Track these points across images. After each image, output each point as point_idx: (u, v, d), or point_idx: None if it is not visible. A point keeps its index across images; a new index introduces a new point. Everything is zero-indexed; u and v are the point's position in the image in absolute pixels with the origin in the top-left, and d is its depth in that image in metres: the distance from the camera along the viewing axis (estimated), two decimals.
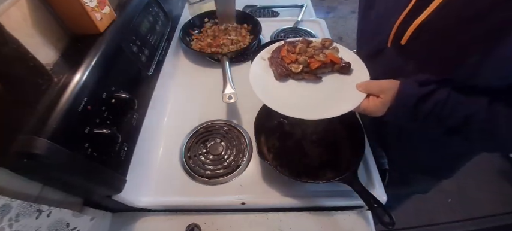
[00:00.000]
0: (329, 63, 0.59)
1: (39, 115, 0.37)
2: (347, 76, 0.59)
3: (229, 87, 0.72)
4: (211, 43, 0.93)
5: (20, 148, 0.34)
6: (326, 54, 0.60)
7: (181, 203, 0.59)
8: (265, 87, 0.58)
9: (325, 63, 0.58)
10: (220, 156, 0.66)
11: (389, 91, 0.49)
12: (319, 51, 0.61)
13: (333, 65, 0.59)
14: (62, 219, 0.44)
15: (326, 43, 0.63)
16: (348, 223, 0.58)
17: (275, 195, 0.60)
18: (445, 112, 0.45)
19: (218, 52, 0.89)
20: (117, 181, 0.50)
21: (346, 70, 0.59)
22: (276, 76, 0.60)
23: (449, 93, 0.44)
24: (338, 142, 0.67)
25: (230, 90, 0.71)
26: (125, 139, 0.51)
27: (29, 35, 0.44)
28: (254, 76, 0.60)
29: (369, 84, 0.54)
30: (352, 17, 2.79)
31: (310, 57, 0.59)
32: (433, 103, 0.45)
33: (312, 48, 0.62)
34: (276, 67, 0.60)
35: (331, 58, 0.59)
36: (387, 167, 0.65)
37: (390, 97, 0.49)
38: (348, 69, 0.59)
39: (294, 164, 0.63)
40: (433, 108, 0.45)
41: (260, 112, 0.68)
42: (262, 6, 1.25)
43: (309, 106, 0.55)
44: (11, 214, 0.36)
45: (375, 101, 0.51)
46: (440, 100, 0.44)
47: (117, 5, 0.63)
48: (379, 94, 0.51)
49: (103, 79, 0.48)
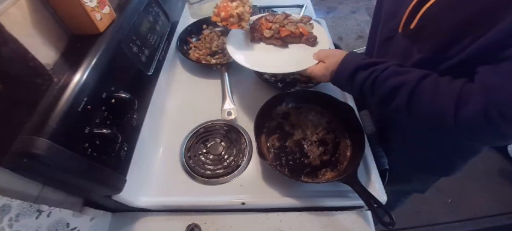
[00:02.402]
0: (298, 34, 0.69)
1: (39, 115, 0.37)
2: (312, 48, 0.68)
3: (228, 101, 0.73)
4: (210, 51, 0.92)
5: (20, 148, 0.34)
6: (298, 26, 0.69)
7: (181, 203, 0.59)
8: (238, 46, 0.70)
9: (294, 33, 0.68)
10: (220, 156, 0.66)
11: (333, 57, 0.56)
12: (293, 24, 0.70)
13: (301, 36, 0.69)
14: (62, 219, 0.44)
15: (304, 20, 0.72)
16: (348, 223, 0.58)
17: (275, 195, 0.60)
18: (378, 80, 0.49)
19: (216, 63, 0.88)
20: (117, 181, 0.49)
21: (312, 43, 0.68)
22: (251, 39, 0.72)
23: (389, 66, 0.49)
24: (338, 142, 0.67)
25: (229, 106, 0.71)
26: (124, 139, 0.51)
27: (29, 35, 0.44)
28: (231, 35, 0.72)
29: (320, 51, 0.63)
30: (352, 17, 2.78)
31: (282, 26, 0.70)
32: (370, 71, 0.50)
33: (288, 20, 0.72)
34: (252, 31, 0.71)
35: (301, 30, 0.68)
36: (387, 167, 0.65)
37: (334, 62, 0.55)
38: (313, 42, 0.69)
39: (294, 164, 0.63)
40: (369, 76, 0.50)
41: (260, 112, 0.68)
42: (262, 6, 1.25)
43: (268, 63, 0.66)
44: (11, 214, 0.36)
45: (320, 66, 0.59)
46: (377, 70, 0.49)
47: (117, 5, 0.63)
48: (324, 59, 0.58)
49: (103, 79, 0.48)
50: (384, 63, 0.50)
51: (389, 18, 0.58)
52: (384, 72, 0.48)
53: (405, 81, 0.46)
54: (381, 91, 0.49)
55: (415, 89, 0.45)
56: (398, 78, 0.47)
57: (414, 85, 0.45)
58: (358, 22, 2.71)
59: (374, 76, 0.49)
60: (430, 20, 0.47)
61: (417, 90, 0.45)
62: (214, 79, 0.84)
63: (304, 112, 0.74)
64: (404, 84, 0.46)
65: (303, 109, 0.74)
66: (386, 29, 0.60)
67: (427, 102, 0.44)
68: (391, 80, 0.47)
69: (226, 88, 0.77)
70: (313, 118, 0.72)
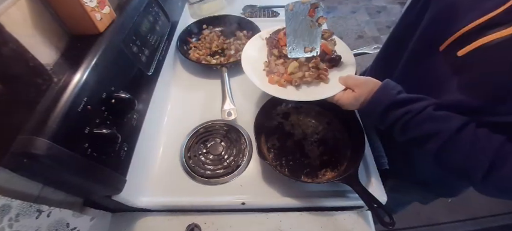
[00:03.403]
0: (321, 52, 0.60)
1: (39, 115, 0.37)
2: (336, 68, 0.61)
3: (228, 102, 0.72)
4: (210, 51, 0.92)
5: (20, 148, 0.34)
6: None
7: (181, 203, 0.59)
8: (254, 66, 0.61)
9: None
10: (220, 156, 0.66)
11: (364, 86, 0.50)
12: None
13: (324, 55, 0.61)
14: (62, 219, 0.44)
15: (325, 35, 0.64)
16: (348, 223, 0.58)
17: (275, 195, 0.59)
18: (412, 123, 0.45)
19: (216, 63, 0.87)
20: (117, 181, 0.49)
21: (336, 62, 0.61)
22: (268, 55, 0.63)
23: (425, 107, 0.44)
24: (338, 142, 0.67)
25: (229, 106, 0.71)
26: (125, 139, 0.51)
27: (29, 35, 0.44)
28: (246, 51, 0.63)
29: (348, 77, 0.55)
30: (352, 17, 2.78)
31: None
32: (405, 111, 0.45)
33: None
34: (270, 47, 0.63)
35: (323, 48, 0.60)
36: (387, 167, 0.65)
37: (364, 93, 0.49)
38: (338, 62, 0.61)
39: (294, 164, 0.63)
40: (403, 116, 0.45)
41: (260, 112, 0.68)
42: (262, 6, 1.25)
43: (289, 88, 0.58)
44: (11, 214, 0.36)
45: (349, 94, 0.53)
46: (413, 111, 0.44)
47: (117, 5, 0.63)
48: (354, 88, 0.52)
49: (103, 79, 0.48)
50: (421, 101, 0.45)
51: (431, 32, 0.50)
52: (419, 114, 0.44)
53: (441, 130, 0.42)
54: (412, 135, 0.45)
55: (449, 141, 0.41)
56: (434, 124, 0.43)
57: (449, 137, 0.41)
58: (358, 22, 2.71)
59: (408, 117, 0.45)
60: (485, 59, 0.40)
61: (452, 141, 0.41)
62: (214, 79, 0.84)
63: (304, 112, 0.74)
64: (440, 132, 0.42)
65: (303, 109, 0.74)
66: (422, 45, 0.52)
67: (459, 156, 0.41)
68: (426, 126, 0.43)
69: (226, 88, 0.77)
70: (313, 118, 0.73)
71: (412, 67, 0.56)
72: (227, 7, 1.17)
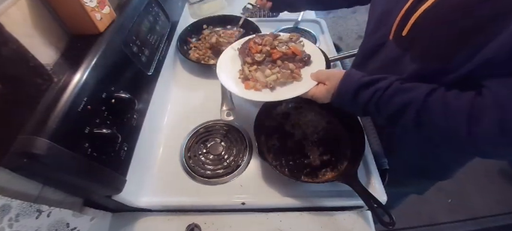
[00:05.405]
0: (290, 54, 0.64)
1: (39, 115, 0.37)
2: (307, 67, 0.64)
3: (227, 102, 0.71)
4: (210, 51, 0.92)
5: (20, 148, 0.34)
6: (289, 46, 0.65)
7: (181, 203, 0.59)
8: (229, 73, 0.65)
9: (286, 54, 0.64)
10: (220, 156, 0.66)
11: (334, 78, 0.53)
12: (284, 44, 0.66)
13: (294, 57, 0.64)
14: (62, 219, 0.44)
15: (293, 38, 0.68)
16: (348, 223, 0.58)
17: (275, 195, 0.59)
18: (383, 100, 0.46)
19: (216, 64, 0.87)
20: (117, 181, 0.49)
21: (307, 62, 0.64)
22: (242, 63, 0.66)
23: (392, 82, 0.46)
24: (338, 143, 0.67)
25: (229, 106, 0.70)
26: (125, 139, 0.51)
27: (29, 35, 0.44)
28: (221, 62, 0.67)
29: (319, 72, 0.58)
30: (352, 17, 2.78)
31: (273, 48, 0.65)
32: (373, 90, 0.47)
33: (278, 40, 0.67)
34: (243, 56, 0.66)
35: (293, 50, 0.64)
36: (387, 167, 0.65)
37: (334, 84, 0.52)
38: (308, 61, 0.64)
39: (294, 164, 0.63)
40: (372, 95, 0.47)
41: (260, 112, 0.68)
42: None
43: (265, 90, 0.60)
44: (11, 214, 0.36)
45: (321, 88, 0.55)
46: (380, 88, 0.47)
47: (117, 5, 0.63)
48: (325, 82, 0.55)
49: (103, 79, 0.48)
50: (385, 79, 0.47)
51: (379, 24, 0.57)
52: (387, 89, 0.46)
53: (411, 99, 0.43)
54: (387, 111, 0.47)
55: (422, 107, 0.43)
56: (403, 95, 0.44)
57: (421, 103, 0.43)
58: (358, 22, 2.71)
59: (378, 95, 0.47)
60: (422, 29, 0.46)
61: (425, 107, 0.42)
62: (214, 79, 0.83)
63: (304, 112, 0.74)
64: (411, 102, 0.43)
65: (303, 109, 0.74)
66: (376, 36, 0.58)
67: (436, 121, 0.42)
68: (396, 98, 0.45)
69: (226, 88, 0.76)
70: (313, 118, 0.73)
71: (371, 57, 0.60)
72: (227, 7, 1.17)
